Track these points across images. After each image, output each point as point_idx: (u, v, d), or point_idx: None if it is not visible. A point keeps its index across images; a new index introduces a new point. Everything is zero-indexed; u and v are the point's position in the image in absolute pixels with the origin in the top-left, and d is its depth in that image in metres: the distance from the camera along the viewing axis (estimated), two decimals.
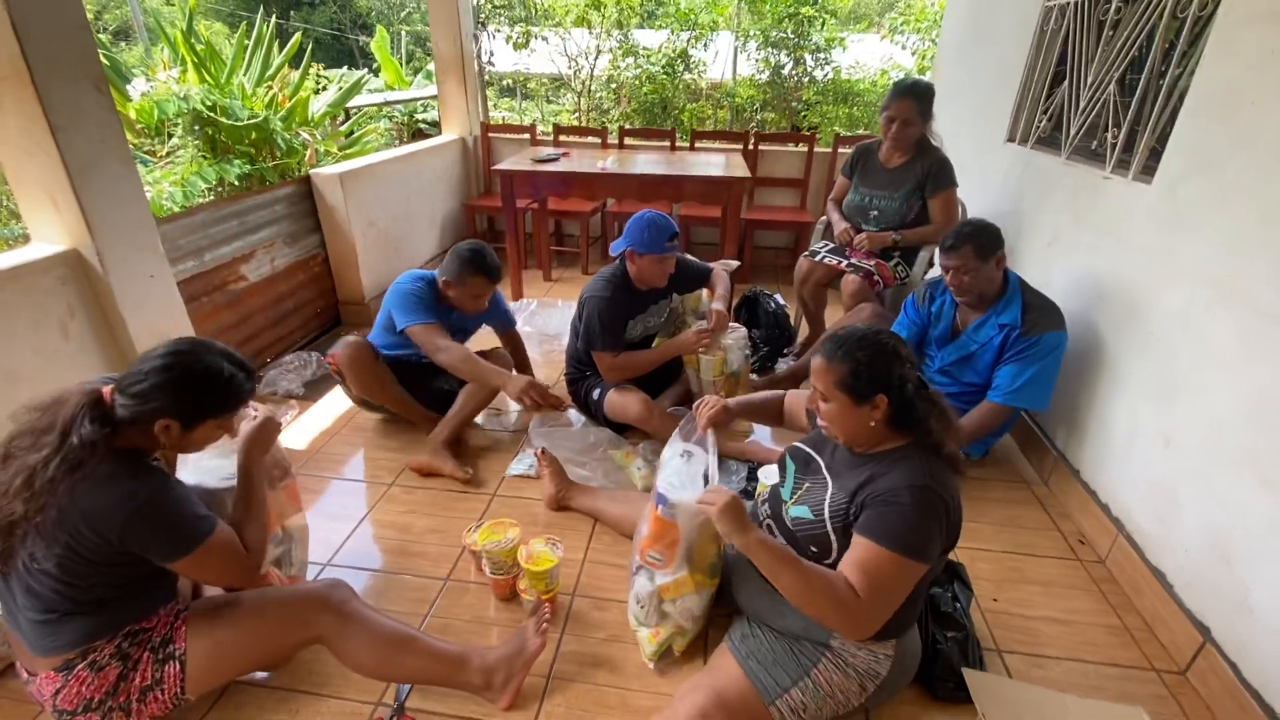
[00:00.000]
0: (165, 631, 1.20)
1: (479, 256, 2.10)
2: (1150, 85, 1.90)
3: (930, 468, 1.16)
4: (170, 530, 1.11)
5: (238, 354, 1.20)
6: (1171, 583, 1.61)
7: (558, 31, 5.60)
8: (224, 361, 1.17)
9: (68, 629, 1.13)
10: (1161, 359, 1.71)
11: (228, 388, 1.16)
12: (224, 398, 1.16)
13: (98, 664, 1.15)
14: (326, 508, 1.99)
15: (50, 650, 1.13)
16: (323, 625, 1.26)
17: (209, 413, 1.16)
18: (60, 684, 1.14)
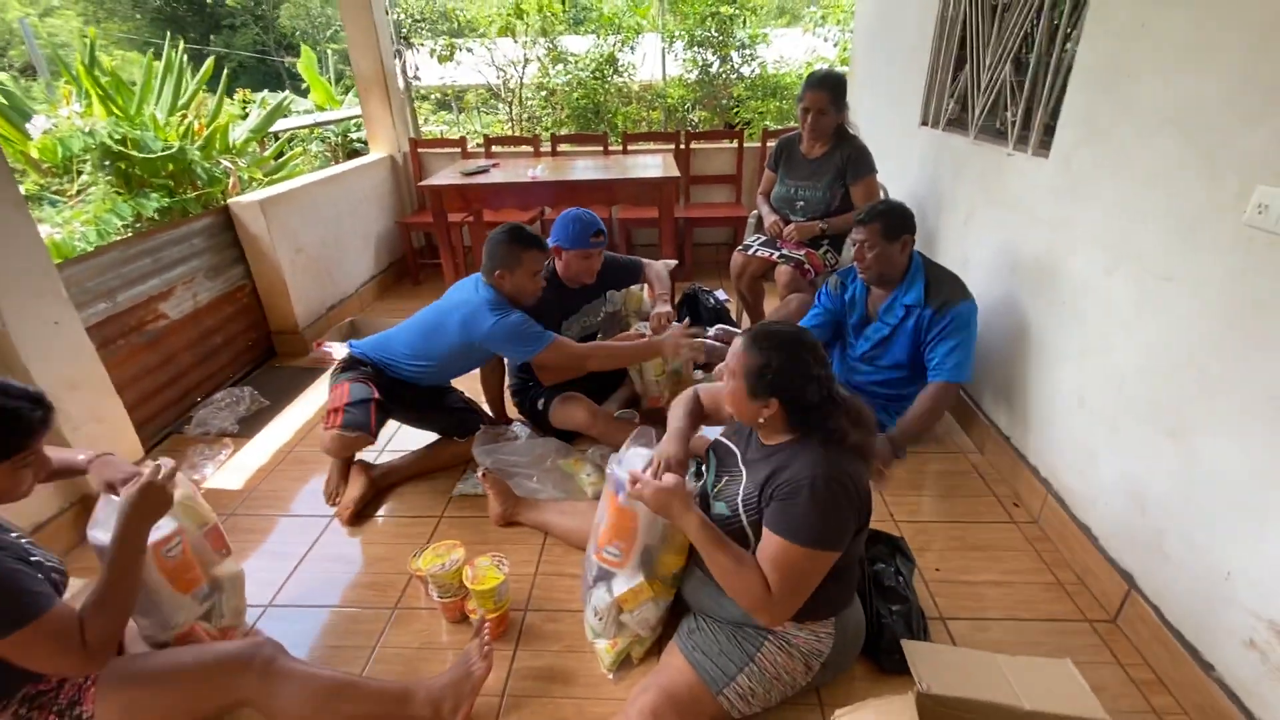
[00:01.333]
0: (72, 693, 1.12)
1: (520, 230, 1.96)
2: (1040, 63, 1.99)
3: (828, 455, 1.18)
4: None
5: (20, 385, 1.08)
6: (1096, 535, 1.69)
7: (483, 42, 5.55)
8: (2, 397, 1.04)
9: None
10: (1071, 323, 1.79)
11: (10, 423, 1.04)
12: (7, 434, 1.04)
13: None
14: (268, 547, 1.92)
15: None
16: (245, 689, 1.18)
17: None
18: None
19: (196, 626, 1.43)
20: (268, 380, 2.86)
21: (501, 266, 1.95)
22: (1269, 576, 1.21)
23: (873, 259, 1.99)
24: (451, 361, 2.07)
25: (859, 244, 2.01)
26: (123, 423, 2.10)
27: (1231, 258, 1.28)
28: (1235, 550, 1.28)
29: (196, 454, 2.30)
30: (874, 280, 2.07)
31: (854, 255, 2.05)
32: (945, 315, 1.96)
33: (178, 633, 1.39)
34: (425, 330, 2.05)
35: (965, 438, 2.34)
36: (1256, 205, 1.21)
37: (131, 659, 1.24)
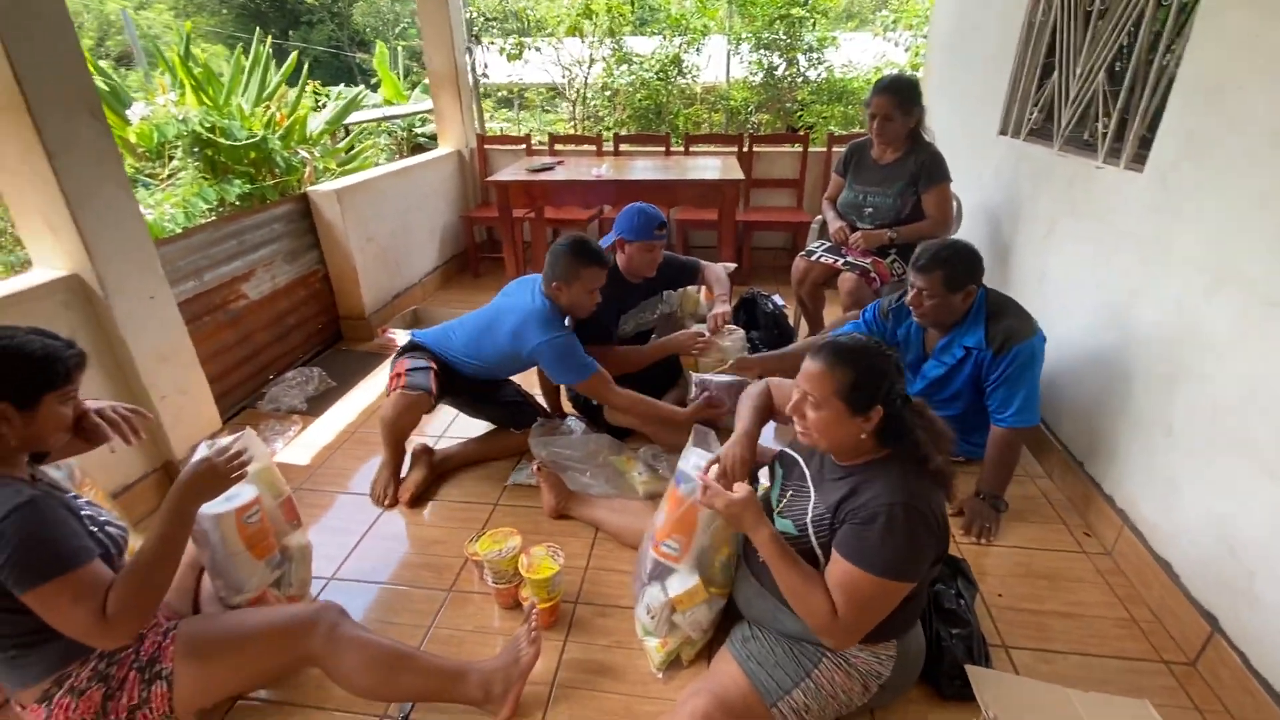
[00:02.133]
0: (152, 650, 1.19)
1: (583, 244, 1.95)
2: (1139, 73, 1.89)
3: (910, 483, 1.13)
4: (19, 554, 0.99)
5: (47, 330, 1.14)
6: (1178, 573, 1.60)
7: (550, 42, 5.64)
8: (32, 336, 1.10)
9: (33, 660, 1.12)
10: (1161, 347, 1.70)
11: (47, 358, 1.09)
12: (48, 368, 1.09)
13: (77, 689, 1.14)
14: (330, 522, 2.00)
15: (23, 684, 1.13)
16: (313, 649, 1.24)
17: (42, 388, 1.09)
18: (44, 716, 1.14)
19: (267, 592, 1.50)
20: (335, 362, 2.98)
21: (559, 279, 1.95)
22: None
23: (930, 308, 1.86)
24: (501, 364, 2.09)
25: (917, 290, 1.86)
26: (204, 396, 2.22)
27: None
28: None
29: (267, 429, 2.41)
30: (930, 325, 1.96)
31: (909, 299, 1.90)
32: (1007, 354, 1.83)
33: (250, 597, 1.46)
34: (479, 330, 2.08)
35: (1033, 461, 2.24)
36: None
37: (208, 618, 1.31)
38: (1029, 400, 1.84)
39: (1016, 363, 1.82)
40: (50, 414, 1.11)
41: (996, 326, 1.86)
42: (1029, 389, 1.84)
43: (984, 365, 1.89)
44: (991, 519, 1.90)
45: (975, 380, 1.93)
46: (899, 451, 1.19)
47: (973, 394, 1.97)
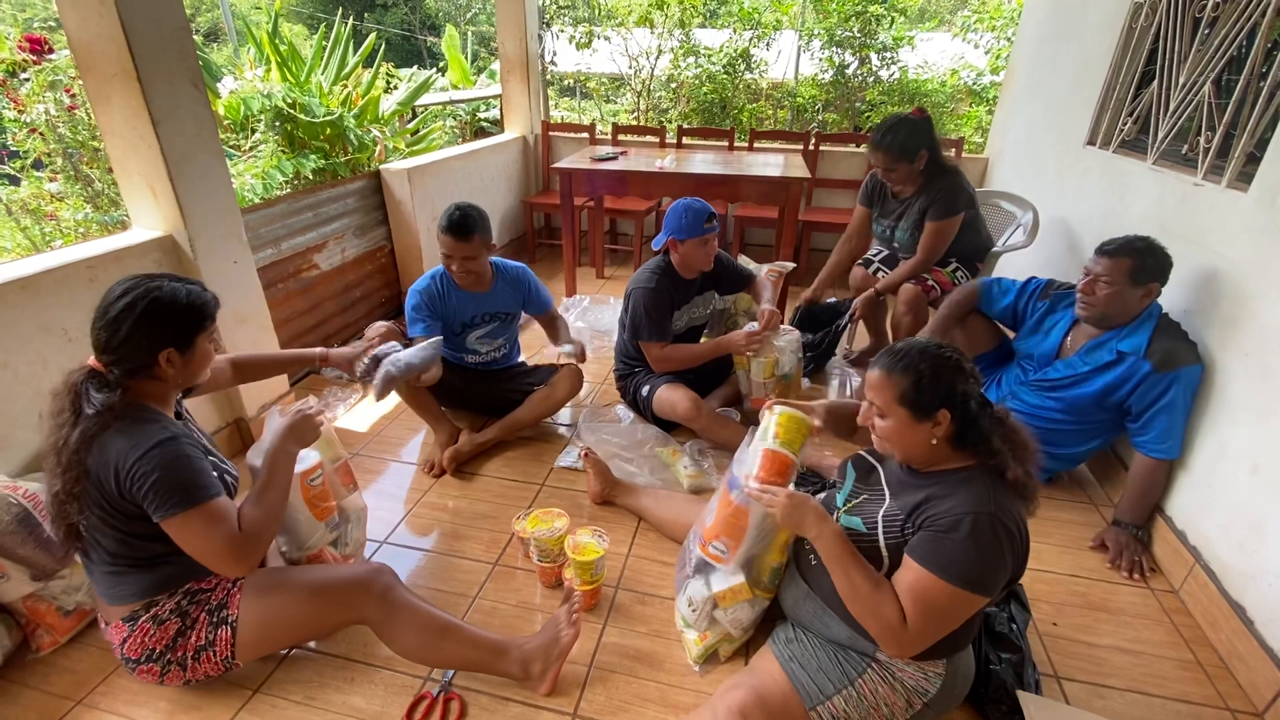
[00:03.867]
0: (222, 596, 1.27)
1: (450, 211, 2.02)
2: (1250, 87, 1.77)
3: (995, 493, 1.09)
4: (163, 484, 1.10)
5: (179, 275, 1.23)
6: (1252, 618, 1.50)
7: (620, 31, 5.65)
8: (175, 284, 1.19)
9: (131, 581, 1.22)
10: (1254, 379, 1.60)
11: (194, 300, 1.19)
12: (198, 309, 1.20)
13: (159, 618, 1.24)
14: (384, 488, 2.07)
15: (117, 600, 1.23)
16: (367, 609, 1.30)
17: (196, 328, 1.20)
18: (126, 633, 1.24)
19: (325, 550, 1.57)
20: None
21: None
22: None
23: (1104, 297, 1.76)
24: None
25: (1093, 277, 1.78)
26: None
27: None
28: None
29: (330, 395, 2.51)
30: (1093, 320, 1.84)
31: (1081, 286, 1.82)
32: (1168, 377, 1.72)
33: (309, 554, 1.53)
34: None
35: (1098, 489, 2.15)
36: None
37: (272, 571, 1.38)
38: (1182, 430, 1.75)
39: (1184, 388, 1.72)
40: (202, 352, 1.24)
41: (1162, 341, 1.75)
42: (1185, 419, 1.75)
43: (1135, 379, 1.76)
44: (1140, 553, 1.81)
45: (1109, 392, 1.82)
46: (979, 461, 1.14)
47: (1093, 407, 1.86)
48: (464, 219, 2.03)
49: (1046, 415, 1.96)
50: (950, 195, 2.31)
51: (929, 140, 2.29)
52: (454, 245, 2.04)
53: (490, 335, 2.28)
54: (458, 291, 2.17)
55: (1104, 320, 1.82)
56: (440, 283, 2.16)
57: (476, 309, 2.21)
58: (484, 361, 2.32)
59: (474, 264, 2.09)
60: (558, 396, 2.30)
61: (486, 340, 2.28)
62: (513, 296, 2.29)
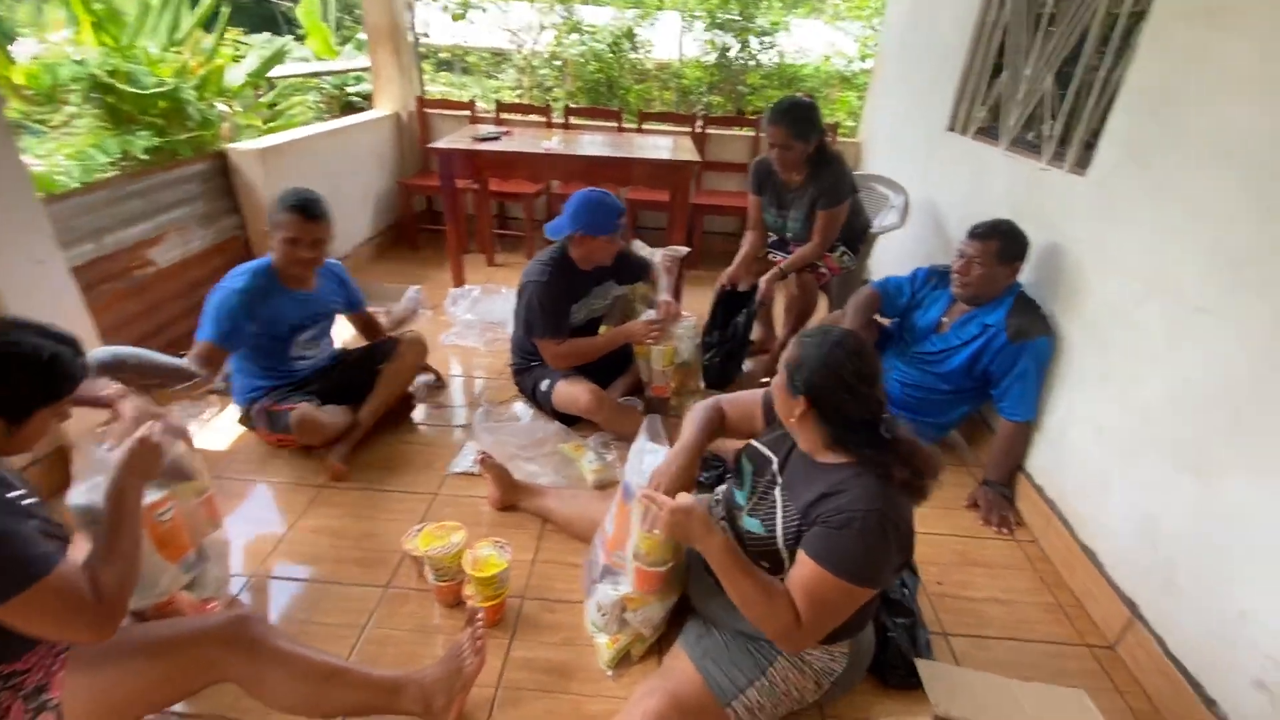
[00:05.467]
0: (41, 677, 1.03)
1: (292, 192, 1.87)
2: (1085, 79, 1.95)
3: (886, 490, 1.11)
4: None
5: (56, 329, 1.03)
6: (1102, 561, 1.69)
7: (498, 3, 5.36)
8: (41, 339, 0.99)
9: None
10: (1095, 349, 1.77)
11: (52, 370, 0.99)
12: (50, 381, 1.00)
13: None
14: (251, 513, 1.84)
15: None
16: (230, 666, 1.11)
17: (36, 402, 0.99)
18: None
19: (178, 596, 1.36)
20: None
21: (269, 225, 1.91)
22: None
23: (977, 277, 1.91)
24: None
25: (967, 259, 1.92)
26: None
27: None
28: (1252, 592, 1.27)
29: (179, 411, 2.20)
30: (968, 299, 1.99)
31: (957, 268, 1.96)
32: (1019, 347, 1.89)
33: (158, 602, 1.32)
34: None
35: (969, 452, 2.33)
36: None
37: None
38: (1036, 394, 1.93)
39: (1033, 357, 1.89)
40: (36, 430, 1.01)
41: (1018, 315, 1.91)
42: (1039, 385, 1.92)
43: (993, 349, 1.93)
44: (1007, 508, 1.99)
45: (974, 361, 1.98)
46: (867, 460, 1.15)
47: (964, 376, 2.03)
48: (314, 197, 1.86)
49: (926, 386, 2.11)
50: (838, 183, 2.37)
51: (820, 126, 2.33)
52: (305, 226, 1.84)
53: (317, 337, 2.09)
54: (283, 291, 1.94)
55: (976, 298, 1.97)
56: (265, 279, 1.90)
57: (303, 311, 1.99)
58: (312, 365, 2.11)
59: (323, 252, 1.92)
60: (408, 363, 2.18)
61: (313, 344, 2.09)
62: (337, 293, 2.12)
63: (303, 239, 1.85)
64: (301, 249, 1.86)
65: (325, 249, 1.93)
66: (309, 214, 1.83)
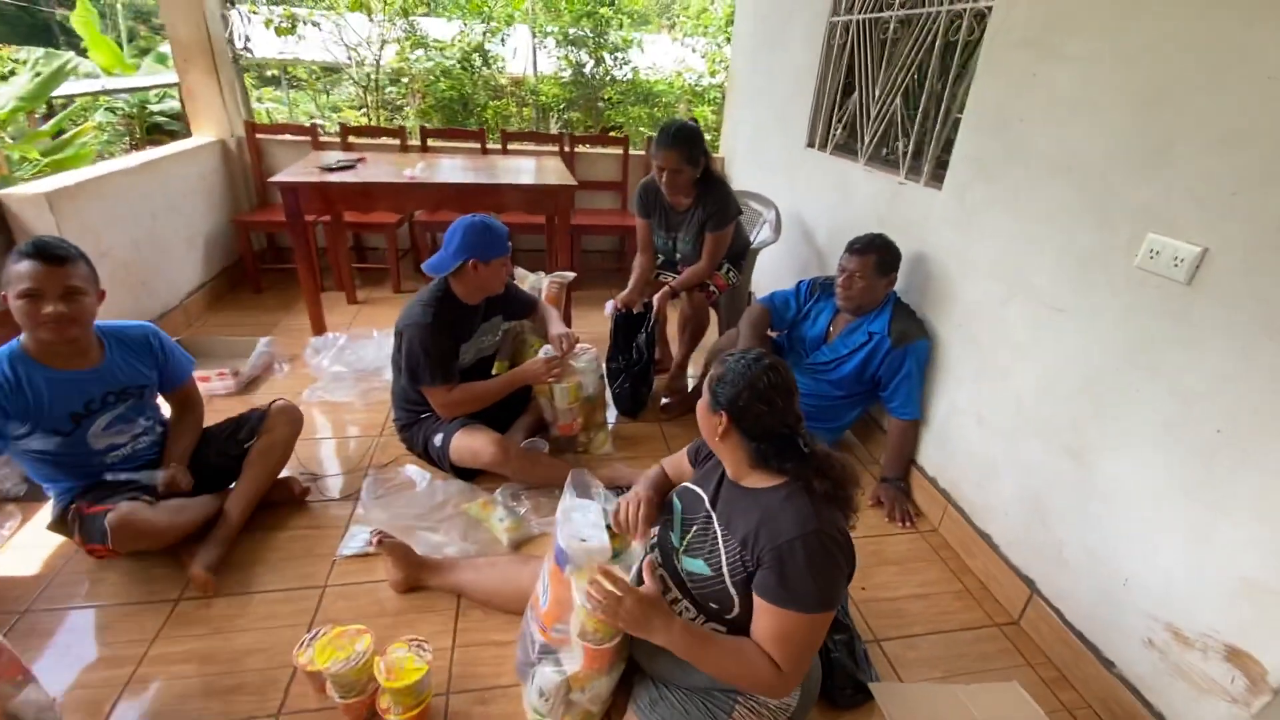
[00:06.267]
0: None
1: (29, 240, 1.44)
2: (931, 100, 2.12)
3: (815, 508, 1.11)
4: None
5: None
6: (998, 543, 1.83)
7: (330, 16, 4.92)
8: None
9: None
10: (968, 346, 1.92)
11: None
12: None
13: None
14: (81, 652, 1.47)
15: None
16: None
17: None
18: None
19: None
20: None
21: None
22: (1164, 583, 1.35)
23: (859, 290, 2.02)
24: None
25: (849, 273, 2.02)
26: None
27: (1124, 296, 1.42)
28: (1132, 559, 1.42)
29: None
30: (852, 310, 2.10)
31: (840, 282, 2.06)
32: (903, 350, 2.01)
33: None
34: None
35: (863, 449, 2.45)
36: (1149, 251, 1.35)
37: None
38: (920, 394, 2.08)
39: (916, 359, 2.02)
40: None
41: (898, 321, 2.04)
42: (922, 384, 2.07)
43: (879, 354, 2.04)
44: (906, 502, 2.13)
45: (864, 367, 2.09)
46: (793, 478, 1.15)
47: (854, 381, 2.13)
48: (57, 239, 1.46)
49: (821, 394, 2.18)
50: (724, 204, 2.40)
51: (705, 149, 2.35)
52: (45, 275, 1.40)
53: (124, 419, 1.65)
54: (46, 373, 1.50)
55: (860, 308, 2.08)
56: (12, 368, 1.47)
57: (84, 393, 1.56)
58: (131, 454, 1.69)
59: (78, 306, 1.46)
60: (280, 439, 1.87)
61: (120, 427, 1.65)
62: (140, 364, 1.68)
63: (46, 290, 1.41)
64: (47, 304, 1.41)
65: (86, 304, 1.49)
66: (49, 255, 1.41)
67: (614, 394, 2.50)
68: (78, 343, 1.53)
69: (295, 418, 1.94)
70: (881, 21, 2.38)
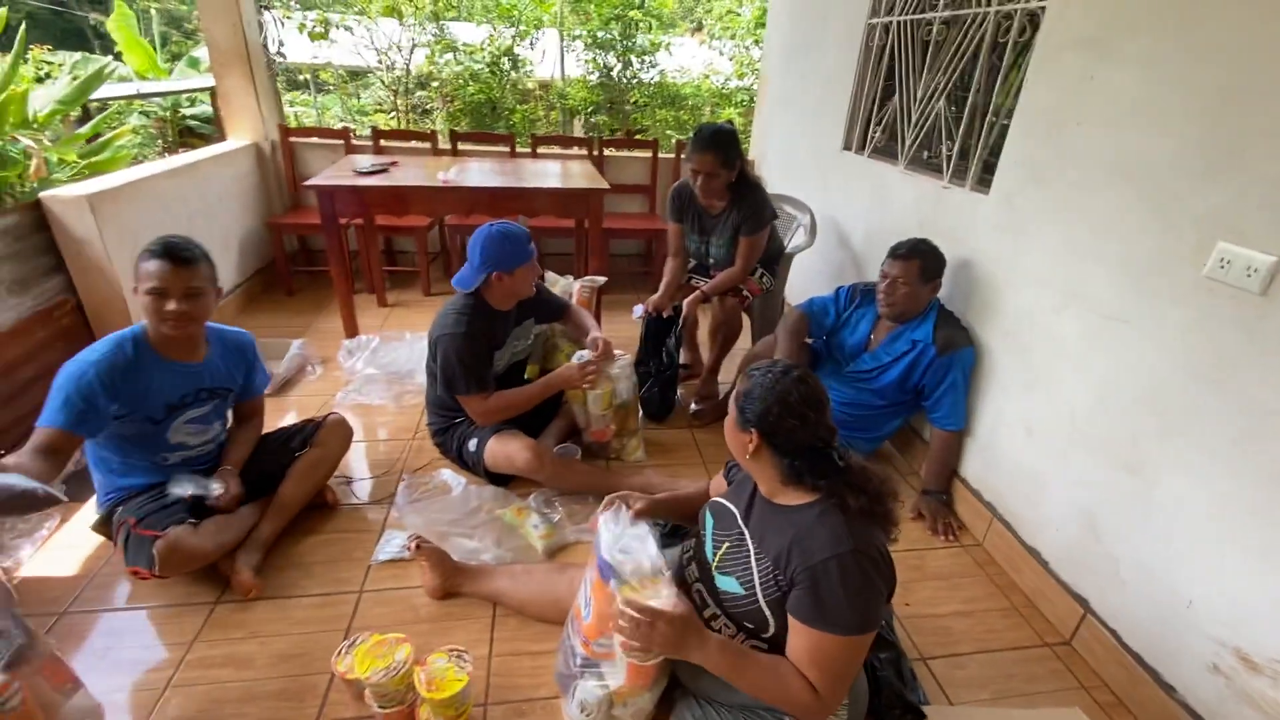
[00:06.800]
0: None
1: (159, 239, 1.53)
2: (978, 103, 2.06)
3: (850, 527, 1.07)
4: None
5: None
6: (1047, 560, 1.76)
7: (362, 21, 4.97)
8: None
9: None
10: (1017, 355, 1.86)
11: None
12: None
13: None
14: (124, 655, 1.47)
15: None
16: None
17: None
18: None
19: None
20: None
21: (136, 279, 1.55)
22: (1232, 605, 1.29)
23: (902, 296, 1.97)
24: None
25: (891, 279, 1.98)
26: None
27: (1191, 307, 1.36)
28: (1195, 580, 1.36)
29: (3, 532, 1.75)
30: (894, 317, 2.05)
31: (882, 288, 2.01)
32: (949, 359, 1.96)
33: None
34: None
35: (903, 461, 2.40)
36: (1218, 260, 1.29)
37: None
38: (965, 405, 2.02)
39: (961, 368, 1.96)
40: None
41: (943, 329, 1.99)
42: (967, 394, 2.01)
43: (923, 363, 1.99)
44: (949, 515, 2.06)
45: (907, 376, 2.03)
46: (827, 494, 1.11)
47: (897, 390, 2.08)
48: (185, 241, 1.54)
49: (862, 403, 2.14)
50: (759, 209, 2.36)
51: (741, 153, 2.32)
52: (171, 273, 1.49)
53: (204, 420, 1.69)
54: (158, 362, 1.57)
55: (902, 315, 2.03)
56: (130, 349, 1.54)
57: (185, 385, 1.63)
58: (191, 457, 1.70)
59: (199, 305, 1.56)
60: (331, 455, 1.90)
61: (198, 427, 1.69)
62: (234, 368, 1.75)
63: (171, 289, 1.50)
64: (171, 301, 1.51)
65: (205, 303, 1.58)
66: (175, 257, 1.50)
67: (642, 399, 2.48)
68: (194, 338, 1.63)
69: (347, 434, 1.96)
70: (924, 23, 2.33)
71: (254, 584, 1.61)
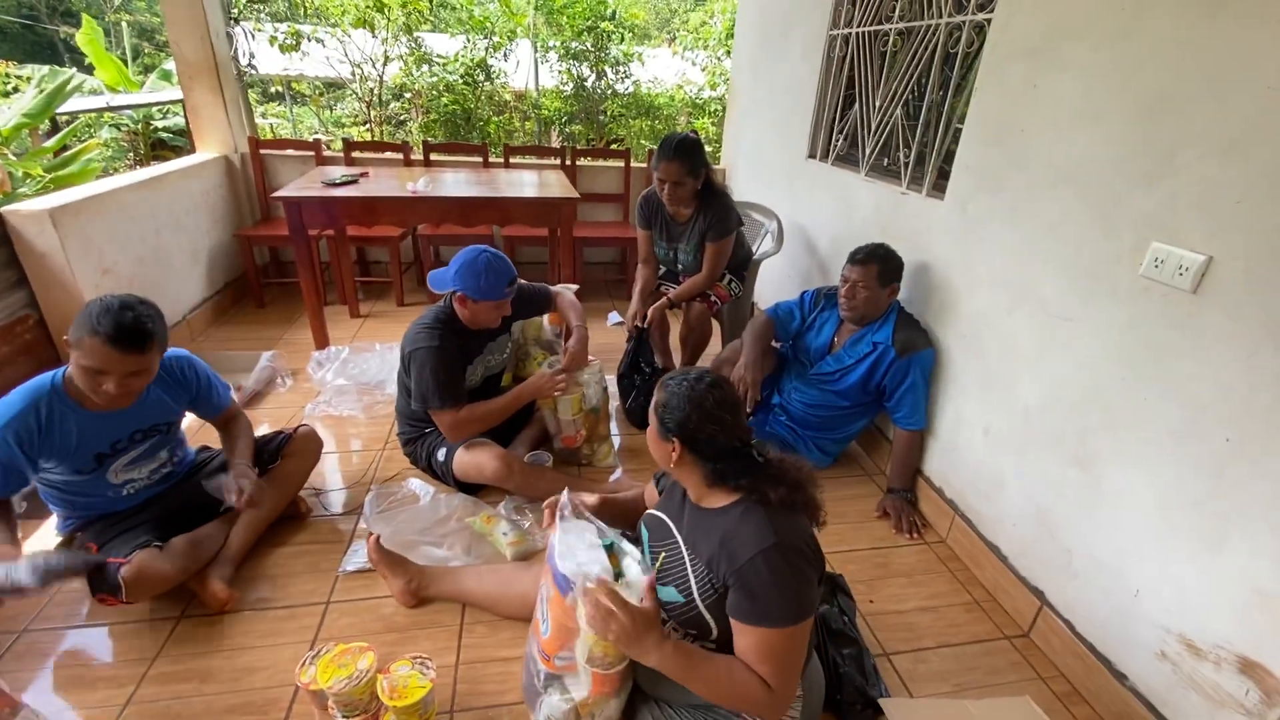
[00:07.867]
0: None
1: (111, 307, 1.35)
2: (932, 111, 2.13)
3: (772, 521, 1.10)
4: None
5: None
6: (1006, 554, 1.81)
7: (334, 34, 4.97)
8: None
9: None
10: (974, 355, 1.92)
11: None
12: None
13: None
14: (80, 675, 1.45)
15: None
16: None
17: None
18: None
19: None
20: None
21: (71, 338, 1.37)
22: (1176, 594, 1.34)
23: (862, 300, 2.02)
24: None
25: (851, 283, 2.02)
26: None
27: (1130, 305, 1.41)
28: (1142, 570, 1.41)
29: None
30: (855, 320, 2.09)
31: (843, 292, 2.06)
32: (908, 360, 2.00)
33: None
34: None
35: (868, 459, 2.44)
36: (1153, 260, 1.35)
37: None
38: (926, 404, 2.07)
39: (920, 369, 2.01)
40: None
41: (902, 331, 2.04)
42: (927, 394, 2.06)
43: (884, 365, 2.04)
44: (913, 513, 2.11)
45: (869, 378, 2.08)
46: (747, 493, 1.14)
47: (860, 391, 2.12)
48: (137, 323, 1.36)
49: (827, 404, 2.18)
50: (725, 215, 2.40)
51: (706, 161, 2.36)
52: (117, 361, 1.35)
53: (146, 456, 1.62)
54: (79, 415, 1.45)
55: (863, 318, 2.07)
56: (45, 409, 1.41)
57: (116, 431, 1.53)
58: (148, 484, 1.65)
59: (141, 382, 1.45)
60: (300, 468, 1.90)
61: (141, 464, 1.62)
62: (177, 399, 1.65)
63: (110, 372, 1.37)
64: (110, 382, 1.37)
65: (148, 378, 1.46)
66: (123, 345, 1.34)
67: (628, 409, 2.50)
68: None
69: (317, 446, 1.95)
70: (881, 34, 2.39)
71: (229, 595, 1.59)
